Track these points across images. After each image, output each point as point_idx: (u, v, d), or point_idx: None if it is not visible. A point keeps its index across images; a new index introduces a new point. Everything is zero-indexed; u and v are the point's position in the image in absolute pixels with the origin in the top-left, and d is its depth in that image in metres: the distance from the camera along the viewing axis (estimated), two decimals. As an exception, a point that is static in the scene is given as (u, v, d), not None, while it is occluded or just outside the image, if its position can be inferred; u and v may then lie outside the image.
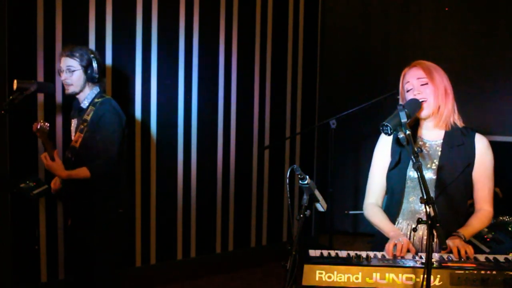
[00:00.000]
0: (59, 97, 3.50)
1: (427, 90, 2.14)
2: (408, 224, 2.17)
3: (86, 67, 2.90)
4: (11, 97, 2.76)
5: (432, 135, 2.21)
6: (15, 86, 2.79)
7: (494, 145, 2.22)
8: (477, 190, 2.19)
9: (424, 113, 2.16)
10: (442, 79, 2.17)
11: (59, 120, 3.53)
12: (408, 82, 2.18)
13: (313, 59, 4.70)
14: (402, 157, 2.20)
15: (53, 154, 2.77)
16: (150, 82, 3.86)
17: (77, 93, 2.94)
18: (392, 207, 2.23)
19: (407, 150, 1.92)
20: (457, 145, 2.16)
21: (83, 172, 2.80)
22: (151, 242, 3.98)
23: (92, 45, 3.59)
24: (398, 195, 2.20)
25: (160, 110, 3.93)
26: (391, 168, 2.22)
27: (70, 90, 2.91)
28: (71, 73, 2.87)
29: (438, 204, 2.08)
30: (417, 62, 2.21)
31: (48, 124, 2.70)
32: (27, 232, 3.44)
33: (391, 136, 2.25)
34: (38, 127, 2.66)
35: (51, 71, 3.45)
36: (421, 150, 2.15)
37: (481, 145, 2.17)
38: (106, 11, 3.64)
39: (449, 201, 2.12)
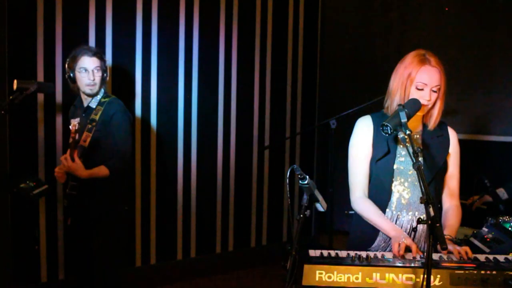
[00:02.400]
0: (59, 97, 3.50)
1: (433, 96, 2.11)
2: (403, 216, 2.16)
3: (106, 68, 2.96)
4: (11, 97, 2.75)
5: (412, 125, 2.17)
6: (15, 86, 2.79)
7: (495, 145, 2.22)
8: (449, 180, 2.23)
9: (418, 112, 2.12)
10: (445, 84, 2.14)
11: (59, 120, 3.53)
12: (426, 84, 2.08)
13: (313, 59, 4.70)
14: (390, 147, 2.19)
15: (74, 154, 2.76)
16: (150, 82, 3.86)
17: (96, 93, 2.94)
18: (379, 199, 2.20)
19: (394, 141, 1.96)
20: (437, 136, 2.20)
21: (102, 170, 2.81)
22: (151, 242, 3.98)
23: (92, 45, 3.59)
24: (387, 185, 2.18)
25: (160, 110, 3.93)
26: (379, 159, 2.20)
27: (94, 90, 2.91)
28: (100, 73, 2.90)
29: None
30: (437, 62, 2.12)
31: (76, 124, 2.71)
32: (27, 232, 3.45)
33: (370, 128, 2.24)
34: (77, 127, 2.67)
35: (51, 71, 3.45)
36: (421, 150, 2.14)
37: (454, 137, 2.25)
38: (106, 11, 3.64)
39: (433, 191, 2.13)
